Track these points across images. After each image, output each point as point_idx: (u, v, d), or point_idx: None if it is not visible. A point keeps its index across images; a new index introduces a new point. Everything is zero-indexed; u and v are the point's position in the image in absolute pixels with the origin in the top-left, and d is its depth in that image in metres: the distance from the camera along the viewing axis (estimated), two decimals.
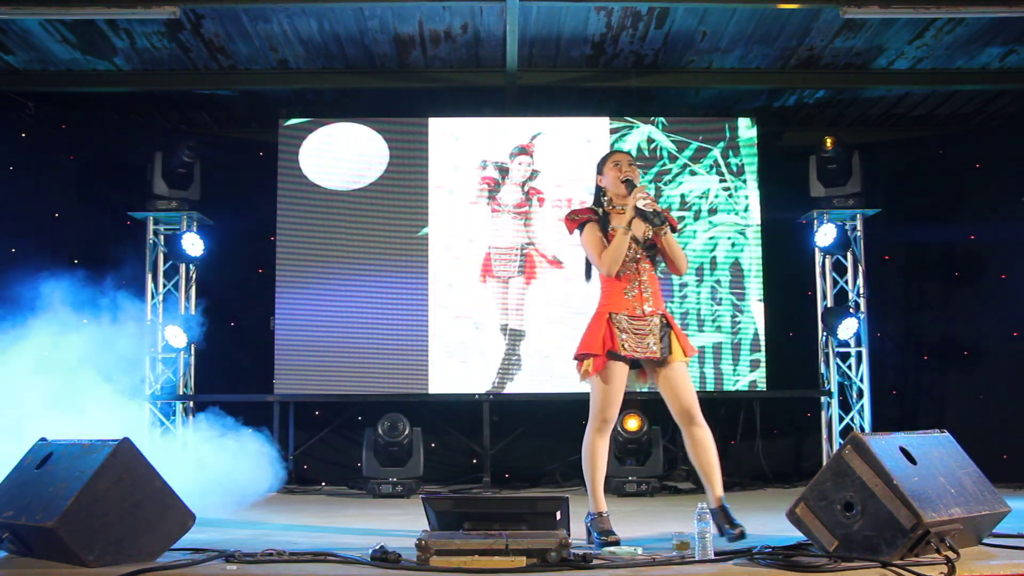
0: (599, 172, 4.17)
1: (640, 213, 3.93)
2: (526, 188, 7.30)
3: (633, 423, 6.70)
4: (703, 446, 3.99)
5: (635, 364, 4.07)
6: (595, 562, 3.28)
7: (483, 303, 7.16)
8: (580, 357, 4.03)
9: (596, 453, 4.03)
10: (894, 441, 3.47)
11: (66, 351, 5.67)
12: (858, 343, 7.21)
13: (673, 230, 4.09)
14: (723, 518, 3.91)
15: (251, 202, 7.33)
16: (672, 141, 7.34)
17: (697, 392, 6.92)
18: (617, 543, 3.85)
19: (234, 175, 7.49)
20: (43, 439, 3.88)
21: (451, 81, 7.09)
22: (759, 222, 7.29)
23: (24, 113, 7.25)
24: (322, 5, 5.94)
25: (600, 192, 4.16)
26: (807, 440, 7.54)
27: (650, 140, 7.35)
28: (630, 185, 3.99)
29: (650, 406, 6.94)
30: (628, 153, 4.30)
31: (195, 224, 7.22)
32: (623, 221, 3.98)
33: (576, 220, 4.11)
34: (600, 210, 4.11)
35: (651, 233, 4.00)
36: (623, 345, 3.94)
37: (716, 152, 7.33)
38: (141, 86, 7.08)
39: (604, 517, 4.03)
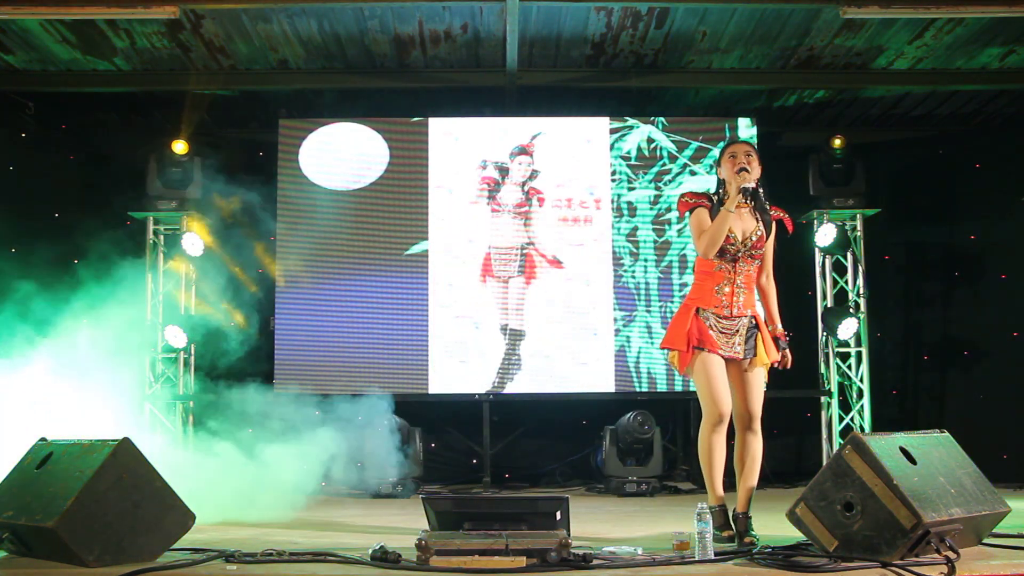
0: (718, 164, 4.14)
1: (743, 191, 3.89)
2: (526, 188, 7.30)
3: None
4: (752, 455, 3.99)
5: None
6: (595, 562, 3.28)
7: (483, 303, 7.16)
8: (665, 349, 4.07)
9: (709, 449, 3.95)
10: (894, 441, 3.47)
11: (66, 351, 5.66)
12: (858, 343, 7.21)
13: (785, 231, 4.14)
14: (741, 525, 3.92)
15: (251, 202, 7.32)
16: (672, 141, 7.34)
17: (695, 392, 7.06)
18: (731, 539, 3.80)
19: (234, 175, 7.48)
20: (43, 439, 3.88)
21: (451, 81, 7.08)
22: None
23: (24, 113, 7.25)
24: (322, 5, 5.93)
25: (720, 184, 4.10)
26: (807, 440, 7.54)
27: (650, 140, 7.35)
28: (743, 170, 3.93)
29: (650, 406, 6.96)
30: (746, 142, 4.21)
31: (195, 224, 7.22)
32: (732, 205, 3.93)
33: (688, 203, 4.09)
34: (715, 197, 4.06)
35: (755, 236, 3.98)
36: (713, 342, 3.93)
37: (716, 152, 7.32)
38: (141, 86, 7.08)
39: (716, 511, 3.92)
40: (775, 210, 4.13)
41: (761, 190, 3.97)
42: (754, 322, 4.02)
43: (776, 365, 4.07)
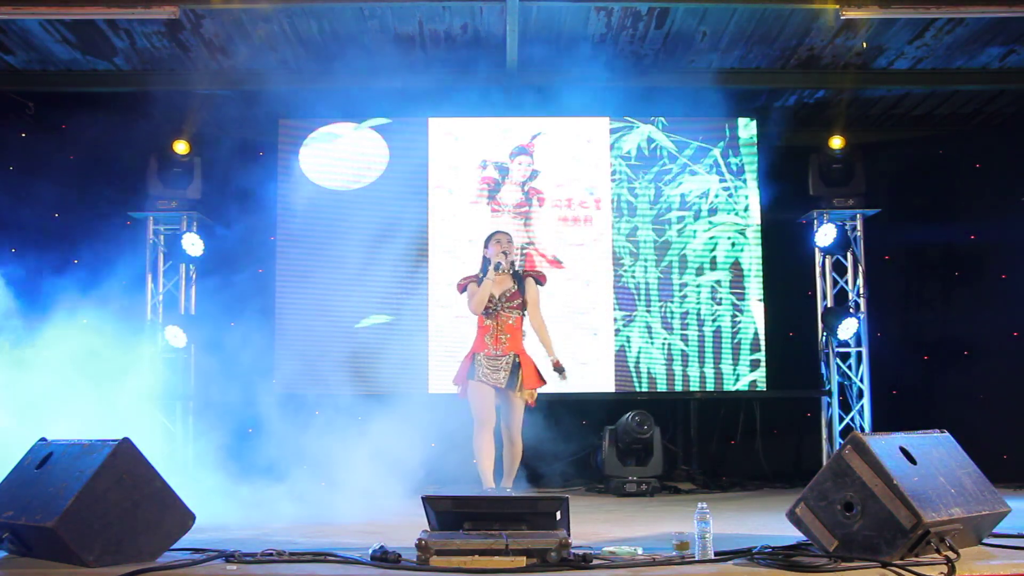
0: (485, 246, 5.34)
1: (497, 265, 5.17)
2: (526, 188, 7.30)
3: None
4: (510, 457, 5.23)
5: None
6: (595, 562, 3.28)
7: None
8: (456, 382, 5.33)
9: (478, 448, 5.17)
10: (894, 441, 3.46)
11: (66, 351, 5.66)
12: (858, 343, 7.21)
13: (537, 282, 5.36)
14: None
15: (251, 202, 7.32)
16: (672, 141, 7.34)
17: (697, 392, 7.10)
18: None
19: (234, 175, 7.48)
20: (43, 439, 3.88)
21: (451, 81, 7.08)
22: (759, 222, 7.29)
23: (24, 113, 7.25)
24: (322, 5, 5.94)
25: (486, 262, 5.28)
26: (807, 440, 7.54)
27: (650, 140, 7.35)
28: (498, 266, 5.21)
29: (650, 406, 6.96)
30: (509, 235, 5.38)
31: (195, 224, 7.22)
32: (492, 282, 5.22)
33: (463, 283, 5.36)
34: (482, 275, 5.27)
35: (508, 292, 5.19)
36: (479, 375, 5.17)
37: (716, 152, 7.33)
38: (141, 86, 7.07)
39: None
40: (530, 271, 5.62)
41: (515, 260, 5.36)
42: (517, 360, 5.20)
43: (559, 375, 5.30)
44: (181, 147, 7.00)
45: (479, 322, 5.28)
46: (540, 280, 5.43)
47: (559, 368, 5.29)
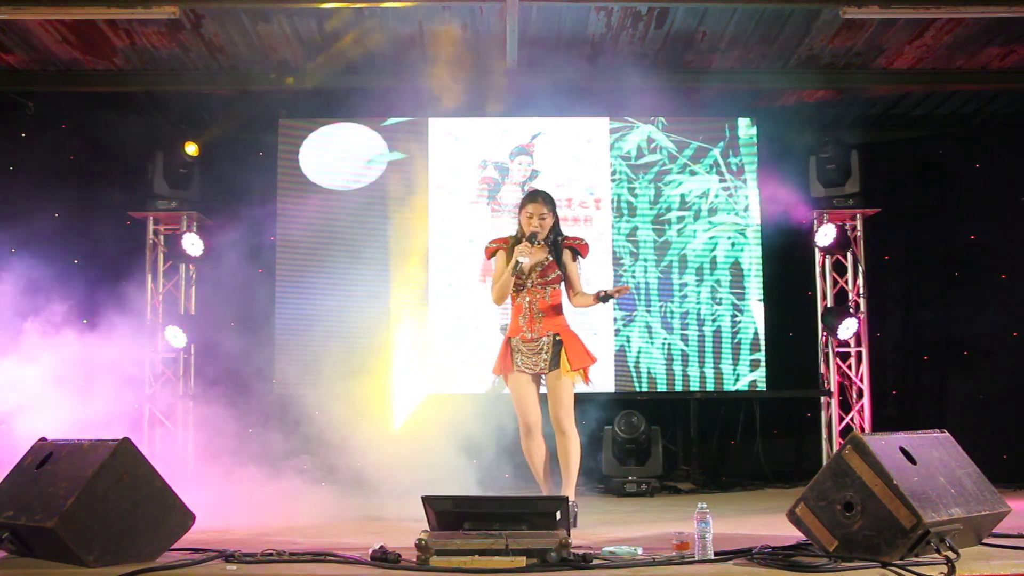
0: (519, 211, 4.79)
1: (517, 265, 4.56)
2: (526, 188, 7.29)
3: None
4: (563, 452, 4.61)
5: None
6: (595, 562, 3.28)
7: (483, 303, 7.15)
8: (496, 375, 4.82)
9: (528, 453, 4.71)
10: (894, 441, 3.47)
11: (66, 351, 5.66)
12: (858, 343, 7.21)
13: (576, 253, 4.78)
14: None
15: (251, 202, 7.32)
16: (672, 141, 7.34)
17: (697, 392, 7.09)
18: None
19: (234, 175, 7.48)
20: (43, 439, 3.88)
21: (451, 81, 7.06)
22: (759, 222, 7.29)
23: (24, 113, 7.25)
24: (322, 5, 5.93)
25: (520, 229, 4.75)
26: (807, 440, 7.54)
27: (650, 140, 7.35)
28: (532, 238, 4.61)
29: (650, 406, 6.97)
30: (541, 203, 4.74)
31: (195, 224, 7.22)
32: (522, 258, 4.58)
33: (491, 249, 4.81)
34: (513, 241, 4.73)
35: (540, 266, 4.64)
36: (517, 363, 4.66)
37: (716, 152, 7.33)
38: (141, 86, 7.07)
39: None
40: (572, 239, 4.82)
41: (547, 235, 4.69)
42: (558, 339, 4.63)
43: (614, 295, 4.57)
44: (191, 148, 6.99)
45: (512, 300, 4.73)
46: (580, 251, 4.79)
47: (604, 296, 4.52)
